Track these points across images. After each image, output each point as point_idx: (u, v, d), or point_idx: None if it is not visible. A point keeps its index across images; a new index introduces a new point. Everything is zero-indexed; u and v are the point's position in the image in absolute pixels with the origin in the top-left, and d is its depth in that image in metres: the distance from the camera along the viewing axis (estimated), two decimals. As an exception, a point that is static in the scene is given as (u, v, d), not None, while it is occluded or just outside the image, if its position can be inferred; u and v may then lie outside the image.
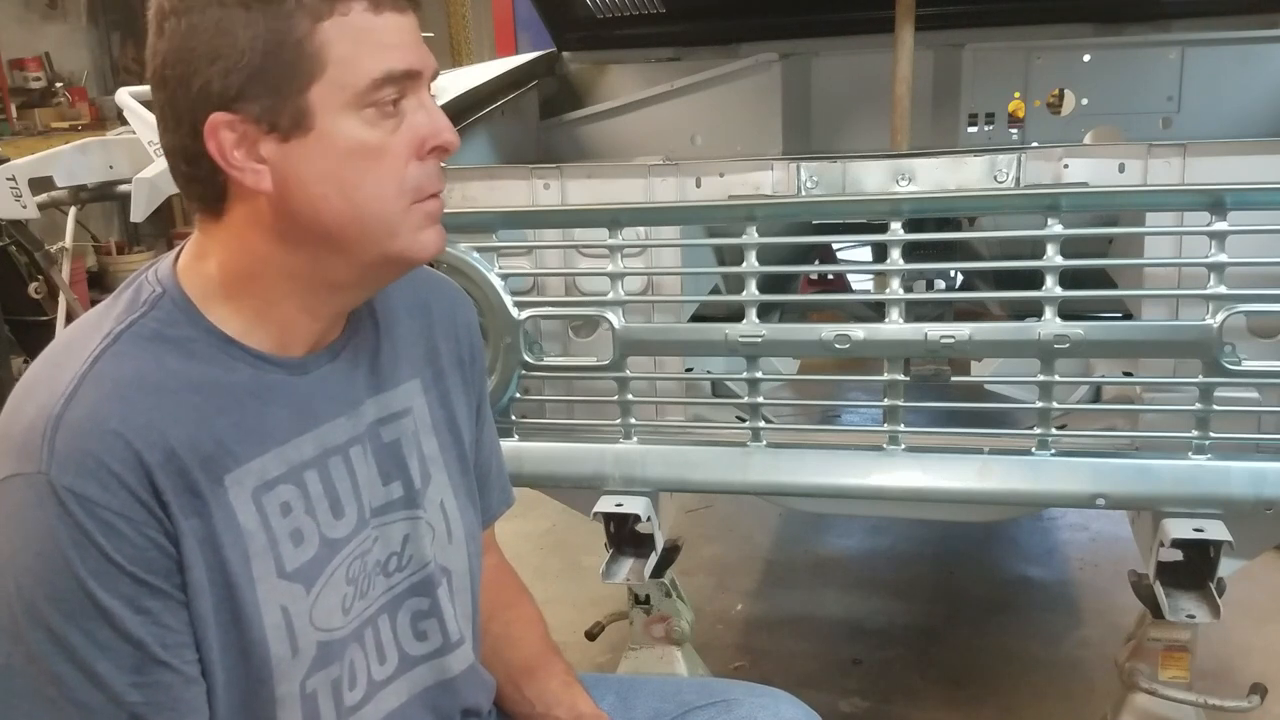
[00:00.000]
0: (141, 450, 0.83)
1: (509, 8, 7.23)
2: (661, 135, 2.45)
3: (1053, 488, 1.45)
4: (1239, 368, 1.34)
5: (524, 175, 1.56)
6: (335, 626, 0.96)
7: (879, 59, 2.14)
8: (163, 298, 0.90)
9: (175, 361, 0.88)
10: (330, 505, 0.96)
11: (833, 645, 2.50)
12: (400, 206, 0.89)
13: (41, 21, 6.71)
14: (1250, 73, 2.30)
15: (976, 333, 1.41)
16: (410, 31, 0.89)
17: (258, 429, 0.91)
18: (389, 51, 0.86)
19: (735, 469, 1.54)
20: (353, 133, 0.86)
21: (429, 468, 1.07)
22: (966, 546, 2.95)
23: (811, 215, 1.57)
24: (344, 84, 0.85)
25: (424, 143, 0.89)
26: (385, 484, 1.02)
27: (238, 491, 0.89)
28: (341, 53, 0.84)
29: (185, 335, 0.89)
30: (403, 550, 1.04)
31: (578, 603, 2.61)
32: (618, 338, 1.50)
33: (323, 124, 0.85)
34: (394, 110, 0.88)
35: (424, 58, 0.90)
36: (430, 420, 1.08)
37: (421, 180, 0.90)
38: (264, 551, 0.90)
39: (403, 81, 0.87)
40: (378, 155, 0.87)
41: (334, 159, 0.86)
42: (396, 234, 0.90)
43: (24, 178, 2.55)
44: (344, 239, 0.89)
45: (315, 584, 0.94)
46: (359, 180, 0.87)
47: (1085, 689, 2.23)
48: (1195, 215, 1.34)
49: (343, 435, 0.98)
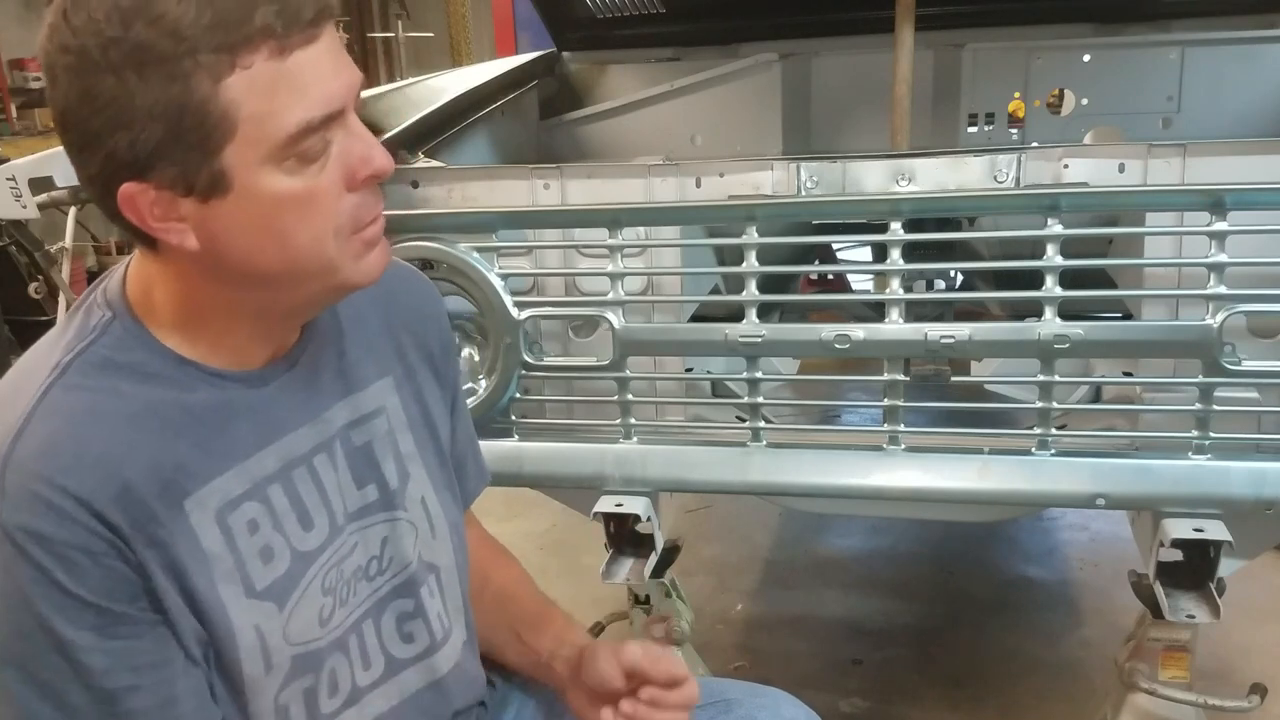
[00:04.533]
0: (95, 486, 0.81)
1: (509, 8, 7.24)
2: (661, 135, 2.45)
3: (1053, 488, 1.45)
4: (1239, 368, 1.34)
5: (524, 175, 1.56)
6: (312, 639, 0.95)
7: (879, 59, 2.14)
8: (113, 322, 0.88)
9: (129, 386, 0.85)
10: (299, 518, 0.94)
11: (833, 645, 2.50)
12: (337, 244, 0.85)
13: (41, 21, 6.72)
14: (1250, 73, 2.30)
15: (976, 333, 1.41)
16: (324, 58, 0.81)
17: (219, 447, 0.89)
18: (304, 98, 0.79)
19: (735, 469, 1.54)
20: (276, 186, 0.81)
21: (407, 465, 1.06)
22: (966, 546, 2.95)
23: (811, 215, 1.57)
24: (258, 140, 0.79)
25: (354, 174, 0.84)
26: (360, 488, 1.01)
27: (200, 514, 0.87)
28: (251, 110, 0.78)
29: (138, 359, 0.87)
30: (382, 553, 1.02)
31: (578, 603, 2.60)
32: (618, 338, 1.50)
33: (242, 182, 0.80)
34: (318, 154, 0.82)
35: (344, 85, 0.83)
36: (405, 418, 1.06)
37: (357, 211, 0.86)
38: (231, 573, 0.89)
39: (325, 126, 0.81)
40: (306, 202, 0.82)
41: (260, 214, 0.81)
42: (337, 269, 0.86)
43: (24, 178, 2.54)
44: (283, 282, 0.86)
45: (288, 600, 0.93)
46: (291, 230, 0.83)
47: (1085, 689, 2.23)
48: (1195, 215, 1.34)
49: (306, 445, 0.96)
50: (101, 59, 0.76)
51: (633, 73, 2.66)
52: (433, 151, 1.78)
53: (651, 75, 2.61)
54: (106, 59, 0.76)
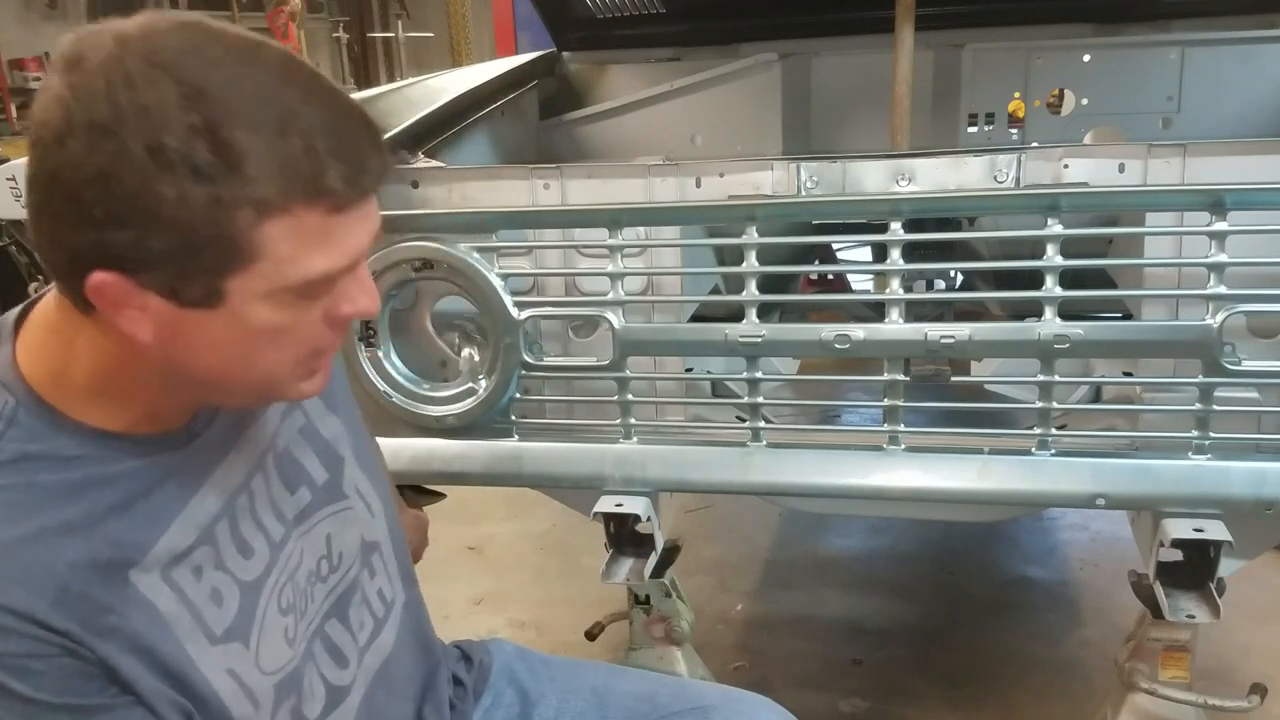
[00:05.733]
0: (29, 597, 0.76)
1: (509, 8, 7.24)
2: (661, 135, 2.45)
3: (1053, 488, 1.45)
4: (1239, 368, 1.34)
5: (524, 175, 1.56)
6: (285, 662, 0.94)
7: (879, 59, 2.14)
8: (17, 410, 0.81)
9: (47, 475, 0.79)
10: (238, 548, 0.91)
11: (833, 645, 2.50)
12: (292, 369, 0.83)
13: (41, 21, 6.72)
14: (1250, 73, 2.30)
15: (976, 333, 1.41)
16: (369, 218, 0.79)
17: (155, 509, 0.85)
18: (334, 250, 0.77)
19: (735, 469, 1.54)
20: (266, 316, 0.77)
21: (338, 449, 1.04)
22: (966, 546, 2.95)
23: (811, 215, 1.57)
24: (273, 276, 0.75)
25: (340, 314, 0.82)
26: (292, 493, 0.99)
27: (148, 580, 0.83)
28: (281, 251, 0.74)
29: (52, 446, 0.80)
30: (330, 550, 1.02)
31: (578, 603, 2.61)
32: (618, 338, 1.50)
33: (233, 305, 0.76)
34: (323, 294, 0.79)
35: (369, 235, 0.80)
36: (321, 403, 1.04)
37: (325, 344, 0.84)
38: (191, 628, 0.86)
39: (342, 273, 0.79)
40: (287, 334, 0.79)
41: (237, 336, 0.78)
42: (282, 388, 0.85)
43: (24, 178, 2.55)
44: (223, 388, 0.83)
45: (251, 634, 0.91)
46: (259, 354, 0.80)
47: (1085, 689, 2.23)
48: (1195, 215, 1.34)
49: (239, 473, 0.93)
50: (142, 153, 0.69)
51: (633, 73, 2.66)
52: (433, 151, 1.78)
53: (651, 75, 2.61)
54: (149, 156, 0.69)
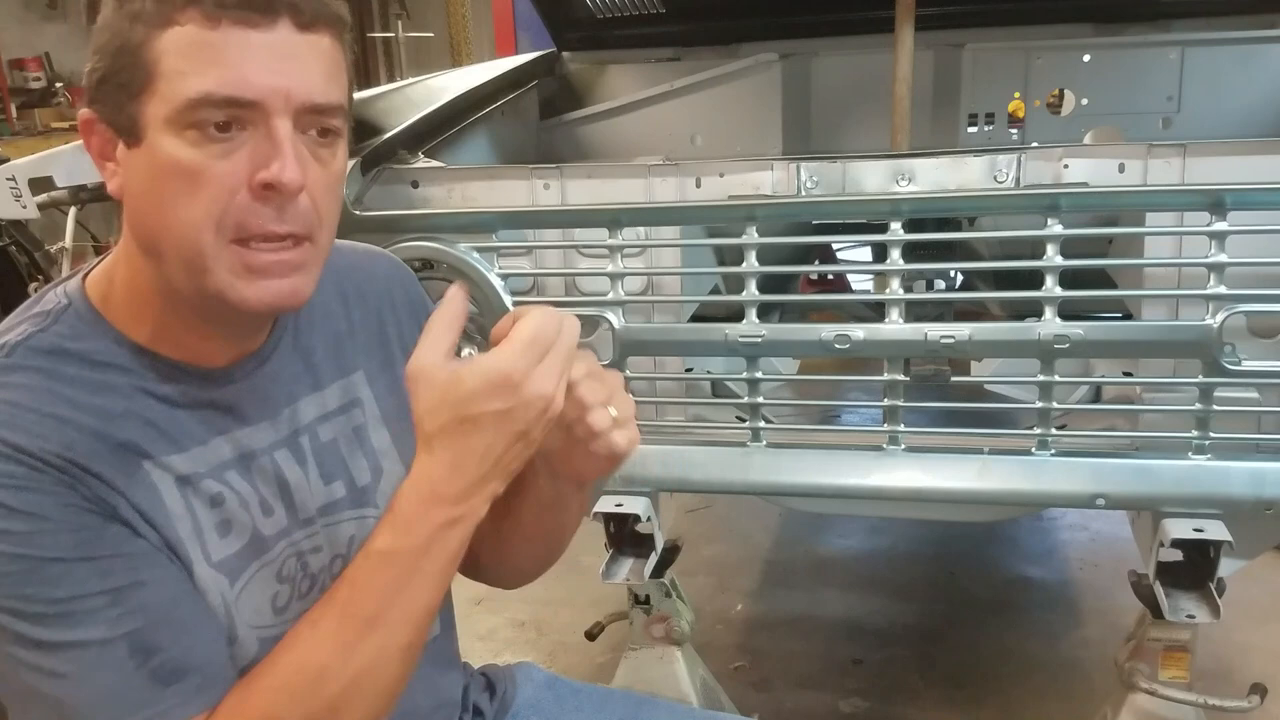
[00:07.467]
0: (36, 440, 0.80)
1: (509, 8, 7.24)
2: (661, 135, 2.45)
3: (1053, 488, 1.45)
4: (1239, 368, 1.34)
5: (524, 175, 1.56)
6: (267, 624, 0.94)
7: (879, 59, 2.14)
8: (67, 310, 0.88)
9: (75, 370, 0.85)
10: (259, 503, 0.94)
11: (833, 645, 2.50)
12: (210, 239, 0.83)
13: (41, 21, 6.71)
14: (1250, 73, 2.30)
15: (976, 333, 1.41)
16: (262, 51, 0.81)
17: (170, 430, 0.88)
18: (216, 72, 0.80)
19: (735, 469, 1.54)
20: (173, 151, 0.81)
21: (380, 462, 1.04)
22: (966, 546, 2.95)
23: (811, 215, 1.57)
24: (168, 98, 0.81)
25: (252, 175, 0.82)
26: (327, 484, 1.00)
27: (160, 475, 0.87)
28: (169, 66, 0.80)
29: (90, 347, 0.87)
30: (349, 553, 1.00)
31: (578, 603, 2.61)
32: (618, 338, 1.50)
33: (150, 137, 0.82)
34: (222, 135, 0.81)
35: (275, 86, 0.81)
36: (379, 411, 1.05)
37: (244, 217, 0.83)
38: (192, 537, 0.88)
39: (231, 108, 0.81)
40: (193, 178, 0.81)
41: (153, 173, 0.83)
42: (208, 270, 0.83)
43: (24, 178, 2.54)
44: (163, 258, 0.85)
45: (239, 578, 0.92)
46: (171, 201, 0.82)
47: (1085, 689, 2.23)
48: (1195, 215, 1.34)
49: (264, 440, 0.95)
50: None
51: (633, 73, 2.66)
52: (433, 151, 1.78)
53: (651, 75, 2.61)
54: None
